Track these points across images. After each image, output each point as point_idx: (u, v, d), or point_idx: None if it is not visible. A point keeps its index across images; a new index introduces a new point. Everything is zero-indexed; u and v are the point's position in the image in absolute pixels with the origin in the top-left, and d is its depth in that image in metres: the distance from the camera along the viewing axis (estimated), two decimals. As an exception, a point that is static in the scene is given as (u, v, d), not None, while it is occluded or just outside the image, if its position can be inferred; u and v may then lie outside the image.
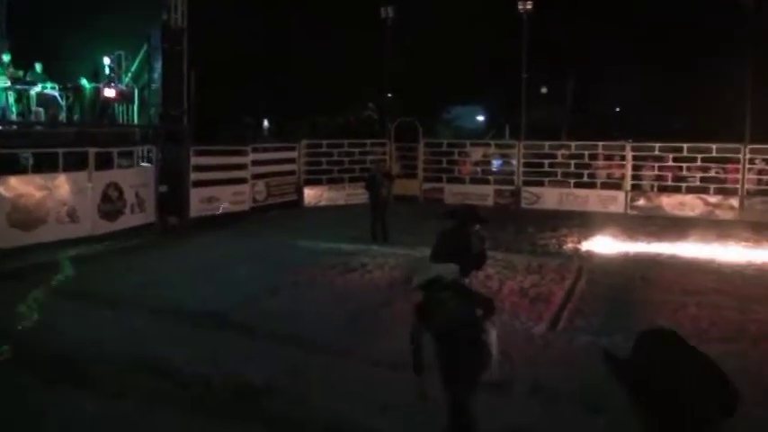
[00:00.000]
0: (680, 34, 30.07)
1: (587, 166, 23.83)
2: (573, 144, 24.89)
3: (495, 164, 25.73)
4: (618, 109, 40.97)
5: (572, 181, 23.73)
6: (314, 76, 29.18)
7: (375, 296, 11.86)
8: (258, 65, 26.48)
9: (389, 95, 26.97)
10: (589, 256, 15.95)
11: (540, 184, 24.10)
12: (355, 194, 22.20)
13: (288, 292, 12.11)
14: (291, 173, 23.59)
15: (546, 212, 22.44)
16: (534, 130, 26.63)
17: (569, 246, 17.06)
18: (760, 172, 22.30)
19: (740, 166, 22.18)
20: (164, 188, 18.65)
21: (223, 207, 20.31)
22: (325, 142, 24.65)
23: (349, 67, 29.47)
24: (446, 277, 6.41)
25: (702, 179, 22.54)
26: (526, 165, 24.41)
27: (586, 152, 23.96)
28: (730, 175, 22.49)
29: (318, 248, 15.97)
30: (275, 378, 8.02)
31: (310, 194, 23.72)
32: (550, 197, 23.68)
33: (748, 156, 22.10)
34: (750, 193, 22.06)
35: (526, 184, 24.21)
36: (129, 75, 21.15)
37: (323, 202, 23.63)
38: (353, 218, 18.97)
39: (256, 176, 22.01)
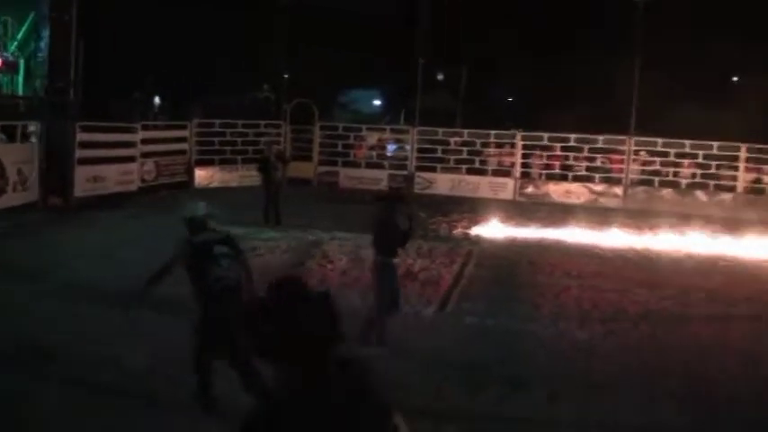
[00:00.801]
0: (574, 28, 31.03)
1: (479, 154, 24.32)
2: (466, 131, 25.36)
3: (390, 149, 25.88)
4: (510, 99, 41.94)
5: (464, 167, 24.15)
6: (208, 53, 28.56)
7: (266, 280, 11.70)
8: (150, 39, 25.68)
9: (286, 77, 26.64)
10: (478, 240, 16.28)
11: (433, 169, 24.39)
12: (248, 176, 21.79)
13: (175, 276, 11.80)
14: (182, 152, 22.97)
15: (438, 198, 22.72)
16: (429, 116, 26.92)
17: (459, 230, 17.36)
18: (643, 163, 23.37)
19: (625, 157, 23.16)
20: (43, 165, 17.78)
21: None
22: (217, 122, 24.09)
23: (246, 46, 29.01)
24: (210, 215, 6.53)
25: (588, 168, 23.45)
26: (420, 150, 24.65)
27: (478, 140, 24.45)
28: (615, 165, 23.48)
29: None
30: (160, 360, 7.84)
31: (201, 175, 23.18)
32: (443, 183, 24.01)
33: (633, 147, 23.10)
34: (633, 183, 23.09)
35: (419, 169, 24.45)
36: (15, 43, 20.15)
37: (214, 184, 23.12)
38: (246, 200, 18.72)
39: (146, 155, 21.35)
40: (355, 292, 11.01)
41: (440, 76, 38.35)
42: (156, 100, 31.10)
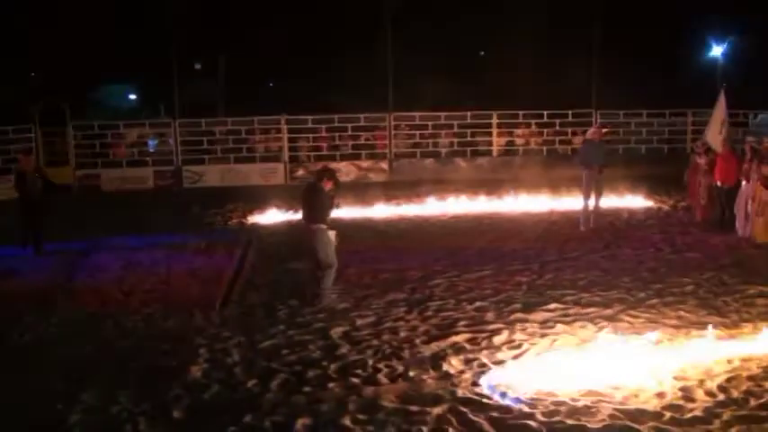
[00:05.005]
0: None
1: (245, 141, 24.16)
2: (229, 120, 25.13)
3: (151, 144, 24.95)
4: (271, 84, 41.88)
5: (232, 156, 23.91)
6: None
7: (23, 301, 10.69)
8: None
9: (33, 74, 24.63)
10: (255, 229, 16.17)
11: (201, 162, 23.92)
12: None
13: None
14: None
15: (210, 190, 22.29)
16: (190, 107, 26.26)
17: (235, 221, 17.15)
18: (405, 136, 24.49)
19: (387, 133, 24.10)
20: None
21: None
22: (-44, 133, 21.98)
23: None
24: None
25: (354, 146, 24.16)
26: (184, 143, 24.00)
27: (243, 127, 24.26)
28: (379, 141, 24.38)
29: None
30: None
31: (-56, 194, 21.01)
32: (212, 175, 23.58)
33: (393, 122, 24.09)
34: (398, 156, 24.16)
35: (186, 162, 23.82)
36: None
37: (-39, 201, 21.05)
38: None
39: None
40: (135, 301, 10.55)
41: (197, 66, 37.54)
42: None
